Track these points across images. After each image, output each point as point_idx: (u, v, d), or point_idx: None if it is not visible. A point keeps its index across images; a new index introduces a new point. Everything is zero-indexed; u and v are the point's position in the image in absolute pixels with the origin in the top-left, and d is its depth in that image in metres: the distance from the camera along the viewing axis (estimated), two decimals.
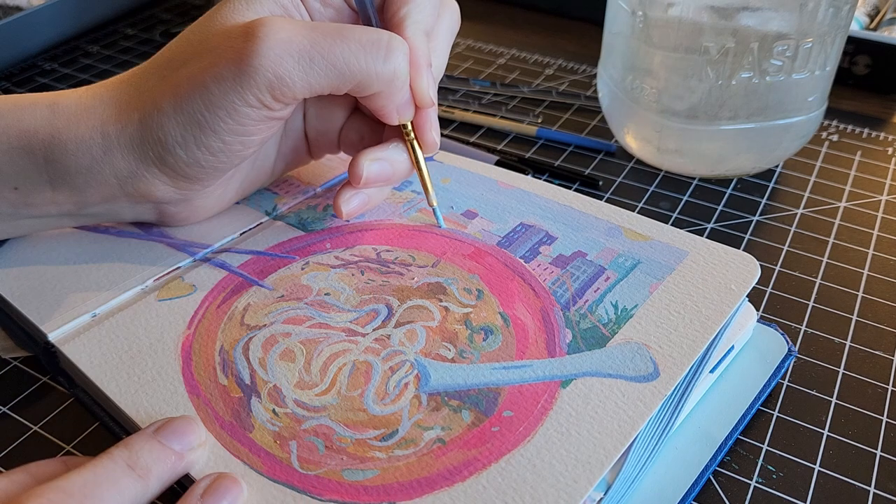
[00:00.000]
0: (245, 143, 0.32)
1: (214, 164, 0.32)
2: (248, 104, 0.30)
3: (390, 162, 0.35)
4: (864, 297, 0.39)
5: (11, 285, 0.34)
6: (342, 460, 0.27)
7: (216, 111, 0.30)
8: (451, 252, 0.36)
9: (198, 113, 0.30)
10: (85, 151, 0.31)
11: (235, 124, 0.31)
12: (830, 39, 0.41)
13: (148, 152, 0.31)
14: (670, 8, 0.41)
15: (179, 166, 0.32)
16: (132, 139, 0.31)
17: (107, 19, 0.68)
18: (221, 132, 0.31)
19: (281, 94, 0.30)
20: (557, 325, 0.32)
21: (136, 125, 0.31)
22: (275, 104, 0.31)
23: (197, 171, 0.32)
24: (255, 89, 0.30)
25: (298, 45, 0.30)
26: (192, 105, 0.30)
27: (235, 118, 0.30)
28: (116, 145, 0.31)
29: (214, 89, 0.30)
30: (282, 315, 0.32)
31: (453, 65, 0.62)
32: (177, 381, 0.30)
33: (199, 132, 0.31)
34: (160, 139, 0.31)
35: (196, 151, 0.31)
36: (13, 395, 0.33)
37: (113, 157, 0.31)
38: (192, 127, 0.31)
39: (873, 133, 0.52)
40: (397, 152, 0.35)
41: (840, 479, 0.31)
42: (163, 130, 0.31)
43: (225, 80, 0.30)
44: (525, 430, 0.27)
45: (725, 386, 0.33)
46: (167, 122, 0.31)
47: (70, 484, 0.24)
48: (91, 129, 0.31)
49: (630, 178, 0.48)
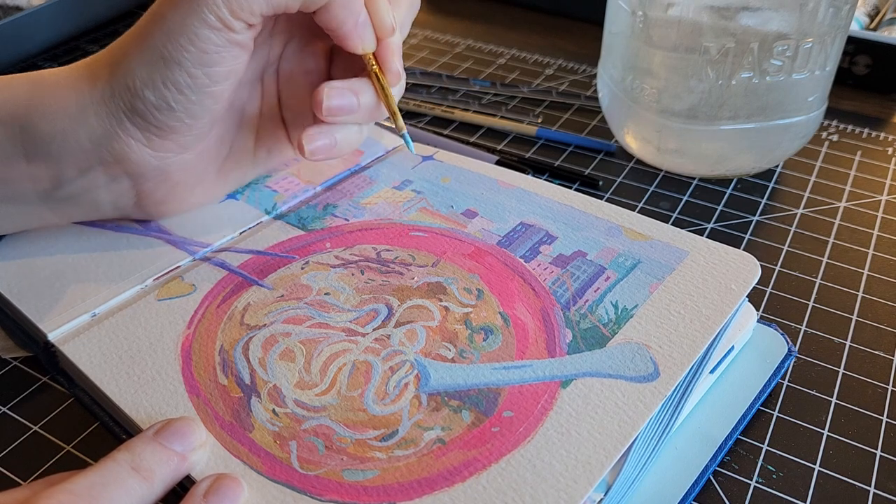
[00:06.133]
0: (210, 75, 0.32)
1: (184, 104, 0.32)
2: (207, 25, 0.30)
3: (354, 91, 0.34)
4: (864, 297, 0.39)
5: (11, 285, 0.34)
6: (342, 460, 0.27)
7: (177, 39, 0.30)
8: (451, 252, 0.36)
9: (161, 46, 0.31)
10: (61, 114, 0.32)
11: (198, 51, 0.31)
12: (830, 39, 0.41)
13: (119, 103, 0.31)
14: (670, 8, 0.41)
15: (150, 111, 0.32)
16: (103, 93, 0.32)
17: (107, 19, 0.68)
18: (186, 63, 0.31)
19: (238, 7, 0.30)
20: (557, 325, 0.32)
21: (107, 77, 0.32)
22: (234, 22, 0.31)
23: (167, 115, 0.32)
24: (213, 5, 0.30)
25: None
26: (153, 40, 0.31)
27: (197, 44, 0.31)
28: (89, 102, 0.32)
29: (172, 16, 0.30)
30: (282, 315, 0.32)
31: (453, 65, 0.62)
32: (177, 381, 0.30)
33: (164, 67, 0.31)
34: (128, 85, 0.31)
35: (164, 90, 0.31)
36: (13, 395, 0.33)
37: (86, 115, 0.32)
38: (156, 63, 0.31)
39: (873, 133, 0.52)
40: (362, 84, 0.34)
41: (840, 479, 0.31)
42: (130, 75, 0.31)
43: (181, 3, 0.30)
44: (525, 430, 0.27)
45: (725, 386, 0.33)
46: (134, 65, 0.31)
47: (77, 486, 0.24)
48: (66, 91, 0.32)
49: (630, 178, 0.48)
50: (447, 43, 0.65)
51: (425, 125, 0.53)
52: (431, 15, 0.71)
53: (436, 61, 0.62)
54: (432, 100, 0.55)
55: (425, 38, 0.66)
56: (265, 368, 0.30)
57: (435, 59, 0.63)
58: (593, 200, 0.38)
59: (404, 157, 0.42)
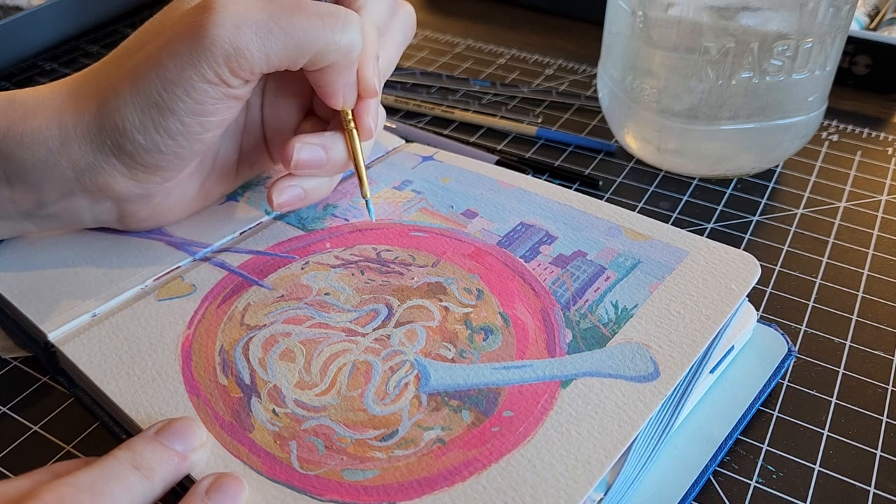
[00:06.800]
0: (204, 124, 0.31)
1: (174, 148, 0.31)
2: (205, 79, 0.30)
3: (324, 147, 0.34)
4: (864, 297, 0.39)
5: (11, 285, 0.34)
6: (342, 460, 0.27)
7: (174, 89, 0.30)
8: (451, 252, 0.36)
9: (155, 93, 0.30)
10: (41, 143, 0.31)
11: (194, 103, 0.30)
12: (830, 39, 0.41)
13: (105, 140, 0.31)
14: (670, 8, 0.41)
15: (138, 153, 0.31)
16: (90, 128, 0.31)
17: (107, 19, 0.68)
18: (180, 112, 0.30)
19: (238, 66, 0.30)
20: (557, 324, 0.32)
21: (94, 113, 0.31)
22: (232, 79, 0.30)
23: (156, 157, 0.32)
24: (213, 62, 0.29)
25: (256, 16, 0.30)
26: (149, 86, 0.30)
27: (193, 96, 0.30)
28: (73, 136, 0.31)
29: (171, 66, 0.30)
30: (282, 315, 0.32)
31: (453, 65, 0.62)
32: (177, 381, 0.30)
33: (158, 114, 0.30)
34: (118, 125, 0.31)
35: (155, 135, 0.31)
36: (13, 395, 0.33)
37: (70, 148, 0.31)
38: (149, 109, 0.30)
39: (873, 133, 0.52)
40: (333, 140, 0.35)
41: (840, 479, 0.31)
42: (120, 115, 0.30)
43: (181, 55, 0.29)
44: (525, 430, 0.27)
45: (725, 386, 0.33)
46: (125, 107, 0.30)
47: (79, 480, 0.24)
48: (47, 121, 0.31)
49: (630, 178, 0.48)
50: (447, 43, 0.65)
51: (425, 125, 0.53)
52: (431, 15, 0.71)
53: (436, 61, 0.62)
54: (432, 100, 0.56)
55: (425, 38, 0.66)
56: (265, 368, 0.30)
57: (435, 59, 0.63)
58: (593, 200, 0.38)
59: (404, 158, 0.42)
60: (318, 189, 0.36)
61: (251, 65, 0.30)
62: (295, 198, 0.35)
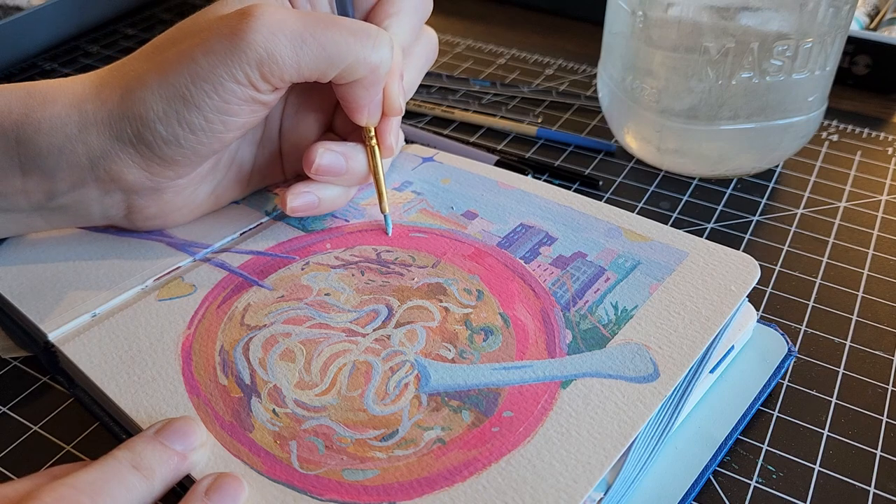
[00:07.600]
0: (226, 123, 0.32)
1: (193, 143, 0.32)
2: (235, 80, 0.30)
3: (345, 156, 0.35)
4: (864, 297, 0.39)
5: (11, 285, 0.34)
6: (342, 460, 0.27)
7: (202, 84, 0.30)
8: (452, 253, 0.36)
9: (183, 86, 0.31)
10: (59, 129, 0.31)
11: (220, 101, 0.31)
12: (830, 39, 0.41)
13: (126, 128, 0.31)
14: (670, 8, 0.41)
15: (157, 143, 0.32)
16: (111, 115, 0.31)
17: (107, 19, 0.68)
18: (205, 108, 0.31)
19: (269, 71, 0.31)
20: (557, 325, 0.32)
21: (117, 100, 0.31)
22: (261, 83, 0.31)
23: (174, 150, 0.32)
24: (245, 64, 0.30)
25: (292, 26, 0.31)
26: (178, 78, 0.31)
27: (220, 94, 0.31)
28: (93, 122, 0.31)
29: (203, 62, 0.30)
30: (282, 315, 0.32)
31: (453, 65, 0.62)
32: (177, 381, 0.30)
33: (183, 106, 0.31)
34: (141, 114, 0.31)
35: (177, 127, 0.31)
36: (13, 395, 0.33)
37: (88, 134, 0.31)
38: (175, 101, 0.31)
39: (873, 133, 0.52)
40: (355, 150, 0.36)
41: (840, 479, 0.31)
42: (145, 105, 0.31)
43: (215, 52, 0.30)
44: (525, 430, 0.27)
45: (725, 386, 0.33)
46: (150, 97, 0.31)
47: (79, 480, 0.24)
48: (68, 107, 0.31)
49: (630, 178, 0.48)
50: (447, 43, 0.65)
51: (425, 125, 0.53)
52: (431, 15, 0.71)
53: (436, 61, 0.62)
54: (432, 100, 0.56)
55: None
56: (265, 368, 0.30)
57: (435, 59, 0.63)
58: (593, 202, 0.38)
59: (405, 159, 0.42)
60: (332, 199, 0.36)
61: (282, 71, 0.31)
62: (309, 204, 0.36)
